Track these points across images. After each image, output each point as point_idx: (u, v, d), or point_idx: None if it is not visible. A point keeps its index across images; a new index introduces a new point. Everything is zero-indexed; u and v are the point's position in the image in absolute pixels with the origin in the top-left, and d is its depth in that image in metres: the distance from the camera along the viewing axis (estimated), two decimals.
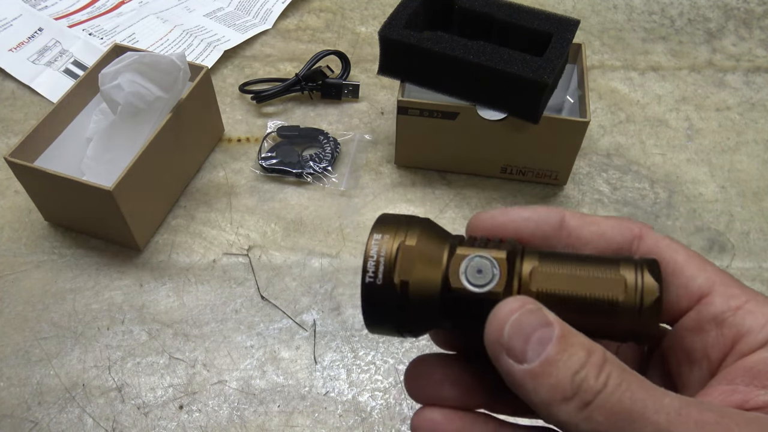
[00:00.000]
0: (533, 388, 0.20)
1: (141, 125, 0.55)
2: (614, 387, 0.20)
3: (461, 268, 0.23)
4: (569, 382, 0.20)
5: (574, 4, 0.83)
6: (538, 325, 0.21)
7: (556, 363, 0.20)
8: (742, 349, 0.21)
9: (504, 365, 0.21)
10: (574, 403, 0.20)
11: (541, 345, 0.21)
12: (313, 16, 0.81)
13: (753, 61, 0.76)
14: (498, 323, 0.21)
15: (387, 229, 0.24)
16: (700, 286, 0.23)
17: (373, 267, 0.23)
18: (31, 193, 0.57)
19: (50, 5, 0.80)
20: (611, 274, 0.22)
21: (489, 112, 0.56)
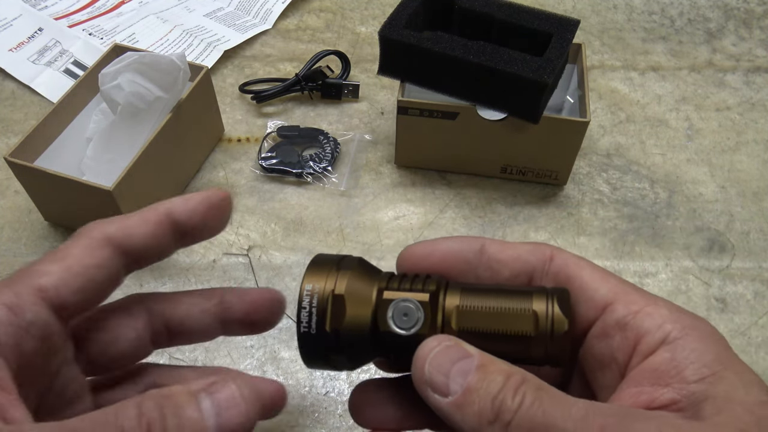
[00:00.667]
0: (461, 418, 0.22)
1: (141, 125, 0.55)
2: (529, 404, 0.21)
3: (388, 313, 0.25)
4: (490, 406, 0.21)
5: (574, 4, 0.83)
6: (457, 359, 0.23)
7: (477, 391, 0.22)
8: (643, 350, 0.23)
9: (432, 401, 0.23)
10: (497, 425, 0.21)
11: (463, 376, 0.22)
12: (313, 16, 0.81)
13: (753, 61, 0.76)
14: (420, 363, 0.23)
15: (318, 277, 0.26)
16: (604, 296, 0.24)
17: (306, 318, 0.25)
18: (31, 193, 0.57)
19: (50, 5, 0.80)
20: (525, 308, 0.24)
21: (489, 112, 0.57)
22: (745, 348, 0.52)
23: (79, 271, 0.25)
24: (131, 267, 0.27)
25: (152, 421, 0.20)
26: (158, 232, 0.27)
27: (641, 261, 0.57)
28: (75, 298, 0.25)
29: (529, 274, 0.26)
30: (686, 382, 0.22)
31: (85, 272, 0.25)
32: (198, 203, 0.28)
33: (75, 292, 0.24)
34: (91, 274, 0.25)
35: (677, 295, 0.55)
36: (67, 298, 0.24)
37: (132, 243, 0.26)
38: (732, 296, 0.55)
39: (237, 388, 0.22)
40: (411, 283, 0.26)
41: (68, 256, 0.25)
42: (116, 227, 0.26)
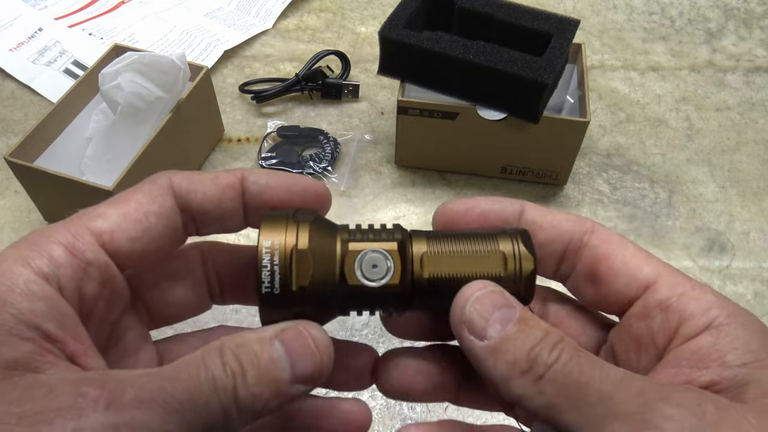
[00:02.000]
0: (493, 364, 0.22)
1: (141, 125, 0.55)
2: (565, 361, 0.21)
3: (356, 265, 0.24)
4: (525, 356, 0.21)
5: (574, 4, 0.83)
6: (499, 306, 0.22)
7: (514, 340, 0.22)
8: (685, 333, 0.22)
9: (466, 342, 0.22)
10: (529, 376, 0.21)
11: (502, 324, 0.22)
12: (313, 16, 0.81)
13: (753, 61, 0.76)
14: (461, 302, 0.23)
15: (276, 232, 0.23)
16: (647, 275, 0.24)
17: (268, 277, 0.23)
18: (31, 193, 0.57)
19: (50, 5, 0.80)
20: (492, 249, 0.24)
21: (489, 112, 0.56)
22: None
23: (137, 217, 0.23)
24: (190, 227, 0.25)
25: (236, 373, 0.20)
26: (225, 196, 0.25)
27: None
28: (130, 245, 0.23)
29: (566, 243, 0.26)
30: (728, 366, 0.21)
31: (143, 219, 0.23)
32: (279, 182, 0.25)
33: (131, 239, 0.23)
34: (149, 222, 0.23)
35: None
36: (122, 244, 0.23)
37: (196, 199, 0.24)
38: (732, 296, 0.55)
39: (309, 336, 0.22)
40: (374, 234, 0.25)
41: (129, 201, 0.24)
42: (183, 178, 0.25)
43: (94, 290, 0.22)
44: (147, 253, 0.24)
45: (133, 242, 0.23)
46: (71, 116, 0.60)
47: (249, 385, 0.20)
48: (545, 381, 0.21)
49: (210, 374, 0.20)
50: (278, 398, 0.21)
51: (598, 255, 0.25)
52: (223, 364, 0.20)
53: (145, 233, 0.23)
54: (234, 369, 0.20)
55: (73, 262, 0.21)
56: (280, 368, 0.21)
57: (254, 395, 0.20)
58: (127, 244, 0.23)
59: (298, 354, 0.22)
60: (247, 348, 0.21)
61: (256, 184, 0.25)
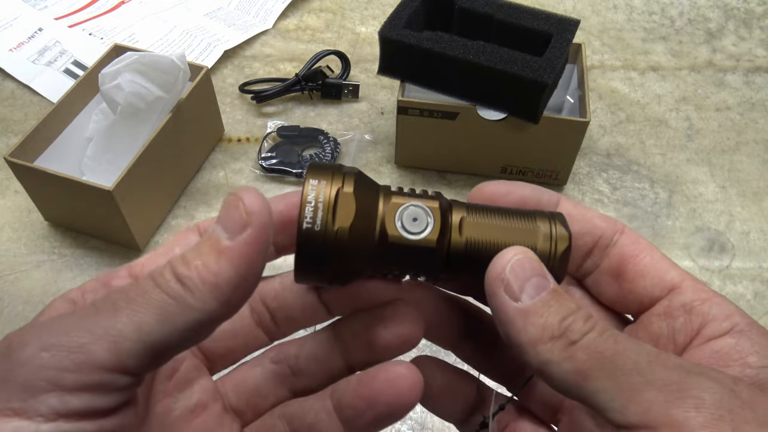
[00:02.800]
0: (522, 326, 0.22)
1: (141, 125, 0.55)
2: (600, 331, 0.21)
3: (397, 216, 0.24)
4: (557, 323, 0.21)
5: (574, 4, 0.83)
6: (536, 274, 0.23)
7: (548, 306, 0.22)
8: (707, 333, 0.23)
9: (499, 300, 0.23)
10: (561, 341, 0.21)
11: (537, 290, 0.22)
12: (313, 16, 0.81)
13: (753, 61, 0.76)
14: (501, 261, 0.23)
15: (323, 175, 0.23)
16: (673, 278, 0.25)
17: (311, 213, 0.23)
18: (31, 193, 0.56)
19: (50, 5, 0.80)
20: (529, 224, 0.25)
21: (489, 112, 0.56)
22: None
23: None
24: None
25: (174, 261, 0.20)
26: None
27: None
28: None
29: (596, 238, 0.26)
30: (749, 366, 0.22)
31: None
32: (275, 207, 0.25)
33: None
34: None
35: None
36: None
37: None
38: (732, 296, 0.55)
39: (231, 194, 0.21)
40: (416, 194, 0.25)
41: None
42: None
43: None
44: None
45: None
46: (71, 116, 0.60)
47: (189, 261, 0.20)
48: (578, 347, 0.21)
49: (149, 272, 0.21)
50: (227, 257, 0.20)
51: (626, 254, 0.26)
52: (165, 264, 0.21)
53: None
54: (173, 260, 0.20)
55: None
56: (214, 234, 0.21)
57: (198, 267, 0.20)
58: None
59: (224, 213, 0.21)
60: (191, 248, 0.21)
61: None
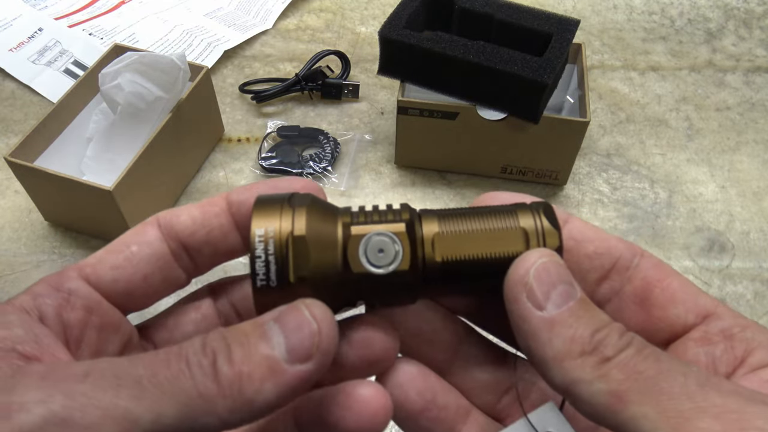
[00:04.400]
0: (548, 339, 0.19)
1: (141, 125, 0.55)
2: (639, 347, 0.19)
3: (360, 250, 0.21)
4: (589, 336, 0.19)
5: (574, 4, 0.83)
6: (562, 281, 0.20)
7: (577, 316, 0.20)
8: (753, 362, 0.21)
9: (521, 308, 0.20)
10: (593, 358, 0.19)
11: (564, 299, 0.20)
12: (313, 16, 0.81)
13: (753, 61, 0.76)
14: (525, 266, 0.21)
15: (269, 218, 0.21)
16: (706, 304, 0.23)
17: (263, 268, 0.21)
18: (31, 193, 0.56)
19: (50, 5, 0.80)
20: (512, 226, 0.22)
21: (489, 112, 0.56)
22: None
23: (118, 248, 0.23)
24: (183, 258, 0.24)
25: (217, 350, 0.18)
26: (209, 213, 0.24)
27: None
28: (113, 273, 0.23)
29: (614, 260, 0.24)
30: None
31: (123, 249, 0.23)
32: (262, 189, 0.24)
33: (113, 268, 0.23)
34: (130, 250, 0.23)
35: None
36: (104, 273, 0.23)
37: (179, 222, 0.24)
38: (732, 296, 0.55)
39: (306, 309, 0.19)
40: (379, 216, 0.22)
41: (115, 241, 0.24)
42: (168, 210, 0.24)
43: (78, 317, 0.22)
44: (134, 282, 0.23)
45: (116, 270, 0.23)
46: (71, 116, 0.60)
47: (235, 363, 0.18)
48: (613, 364, 0.18)
49: (184, 351, 0.18)
50: (275, 382, 0.18)
51: (650, 278, 0.23)
52: (203, 344, 0.19)
53: (127, 261, 0.23)
54: (216, 348, 0.18)
55: (53, 293, 0.22)
56: (273, 343, 0.19)
57: (242, 375, 0.18)
58: (109, 273, 0.23)
59: (292, 326, 0.19)
60: (238, 330, 0.19)
61: (239, 195, 0.24)
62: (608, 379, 0.18)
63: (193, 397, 0.18)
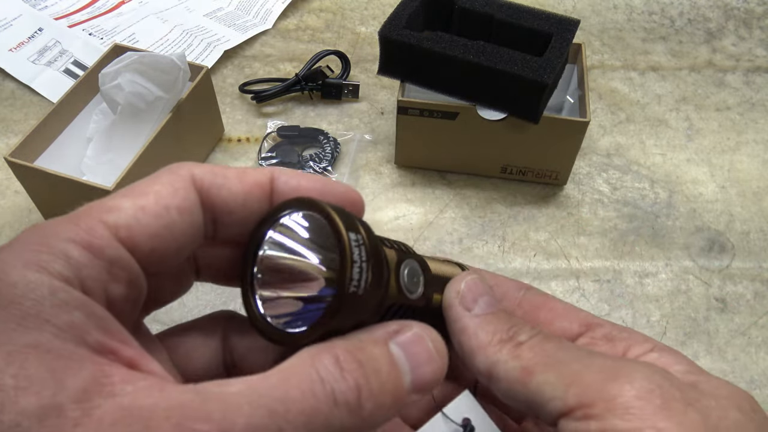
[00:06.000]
0: (474, 332, 0.24)
1: (141, 125, 0.55)
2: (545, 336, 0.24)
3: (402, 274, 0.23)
4: (507, 329, 0.24)
5: (574, 4, 0.83)
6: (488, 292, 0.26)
7: (497, 315, 0.25)
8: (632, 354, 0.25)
9: (455, 311, 0.25)
10: (509, 344, 0.23)
11: (489, 305, 0.25)
12: (313, 16, 0.81)
13: (753, 61, 0.76)
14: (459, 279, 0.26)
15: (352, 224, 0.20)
16: (587, 317, 0.27)
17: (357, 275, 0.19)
18: (31, 193, 0.56)
19: (50, 5, 0.80)
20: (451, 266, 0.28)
21: (489, 112, 0.56)
22: (745, 348, 0.52)
23: (157, 211, 0.19)
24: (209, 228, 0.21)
25: (361, 386, 0.18)
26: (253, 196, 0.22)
27: (641, 261, 0.57)
28: (152, 243, 0.19)
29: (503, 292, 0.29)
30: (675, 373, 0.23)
31: (165, 214, 0.19)
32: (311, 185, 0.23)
33: (152, 236, 0.19)
34: (171, 218, 0.19)
35: (677, 295, 0.55)
36: (142, 241, 0.19)
37: (220, 196, 0.21)
38: (732, 296, 0.55)
39: (430, 341, 0.21)
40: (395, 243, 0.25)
41: (147, 193, 0.20)
42: (207, 170, 0.21)
43: (121, 292, 0.19)
44: (169, 253, 0.20)
45: (154, 240, 0.19)
46: (71, 116, 0.60)
47: (375, 396, 0.18)
48: (525, 347, 0.23)
49: (329, 388, 0.17)
50: (396, 409, 0.19)
51: (536, 303, 0.28)
52: (342, 373, 0.18)
53: (167, 230, 0.19)
54: (358, 380, 0.18)
55: (95, 263, 0.18)
56: (402, 374, 0.20)
57: (379, 406, 0.18)
58: (148, 242, 0.19)
59: (420, 360, 0.20)
60: (366, 352, 0.19)
61: (287, 185, 0.22)
62: (520, 358, 0.23)
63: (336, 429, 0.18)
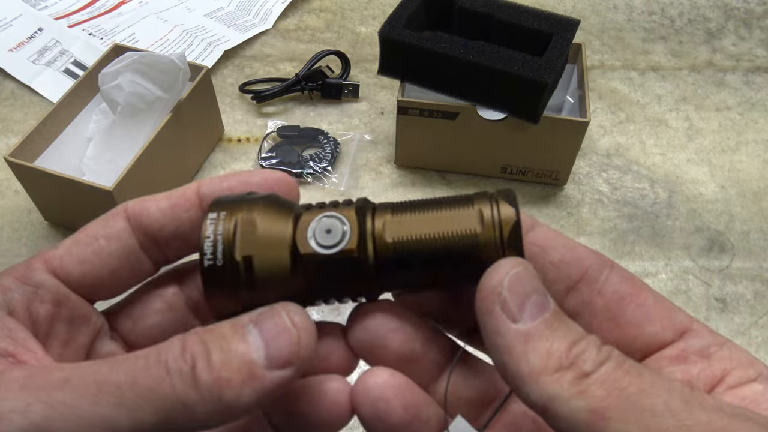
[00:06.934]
0: (523, 353, 0.18)
1: (141, 125, 0.55)
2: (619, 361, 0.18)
3: (309, 232, 0.21)
4: (566, 349, 0.18)
5: (574, 4, 0.83)
6: (537, 289, 0.20)
7: (552, 328, 0.19)
8: (731, 381, 0.21)
9: (496, 321, 0.19)
10: (571, 373, 0.18)
11: (539, 310, 0.19)
12: (313, 16, 0.81)
13: (753, 61, 0.76)
14: (498, 276, 0.20)
15: (223, 207, 0.22)
16: (682, 320, 0.22)
17: (210, 248, 0.21)
18: (31, 193, 0.56)
19: (50, 5, 0.80)
20: (466, 208, 0.21)
21: (489, 112, 0.56)
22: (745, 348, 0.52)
23: (86, 240, 0.23)
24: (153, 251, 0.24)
25: (196, 355, 0.18)
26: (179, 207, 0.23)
27: (641, 261, 0.57)
28: (81, 267, 0.23)
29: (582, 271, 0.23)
30: None
31: (91, 242, 0.23)
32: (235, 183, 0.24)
33: (81, 262, 0.23)
34: (99, 244, 0.23)
35: (677, 295, 0.55)
36: (72, 267, 0.23)
37: (148, 214, 0.23)
38: (732, 296, 0.55)
39: (286, 314, 0.20)
40: (333, 205, 0.22)
41: (83, 230, 0.24)
42: (137, 200, 0.24)
43: (47, 311, 0.22)
44: (102, 275, 0.23)
45: (84, 264, 0.23)
46: (71, 116, 0.60)
47: (214, 369, 0.18)
48: (593, 380, 0.18)
49: (163, 357, 0.18)
50: (253, 387, 0.18)
51: (623, 293, 0.22)
52: (182, 348, 0.19)
53: (95, 255, 0.23)
54: (195, 352, 0.18)
55: (21, 286, 0.22)
56: (252, 350, 0.19)
57: (222, 381, 0.18)
58: (77, 267, 0.23)
59: (273, 333, 0.19)
60: (216, 332, 0.19)
61: (210, 188, 0.24)
62: (588, 396, 0.18)
63: (173, 404, 0.18)
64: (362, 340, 0.23)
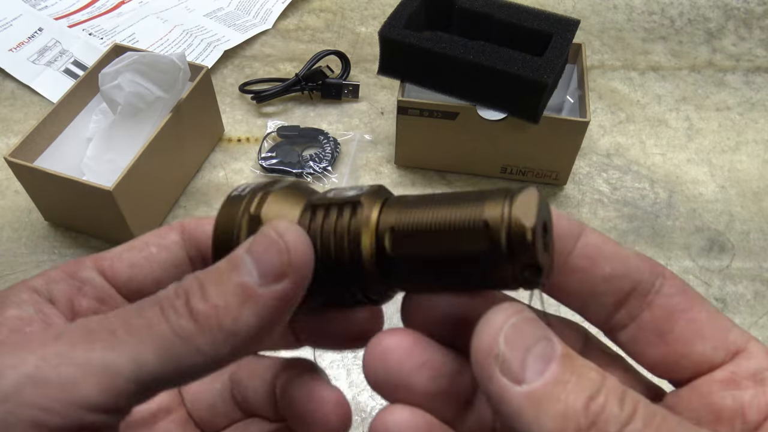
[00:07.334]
0: (535, 417, 0.16)
1: (141, 125, 0.55)
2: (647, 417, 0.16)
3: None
4: (583, 408, 0.16)
5: (574, 4, 0.83)
6: (538, 335, 0.17)
7: (563, 384, 0.16)
8: None
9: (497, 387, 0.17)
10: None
11: (544, 362, 0.17)
12: (313, 16, 0.81)
13: (753, 61, 0.76)
14: (491, 331, 0.17)
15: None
16: (736, 339, 0.20)
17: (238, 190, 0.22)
18: (31, 193, 0.56)
19: (50, 5, 0.80)
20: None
21: (489, 112, 0.56)
22: None
23: (138, 246, 0.24)
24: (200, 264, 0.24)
25: (190, 291, 0.18)
26: None
27: None
28: (129, 271, 0.23)
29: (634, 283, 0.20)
30: None
31: (143, 248, 0.24)
32: None
33: (130, 266, 0.23)
34: (149, 251, 0.24)
35: None
36: (120, 270, 0.23)
37: (204, 231, 0.24)
38: (732, 296, 0.55)
39: (272, 228, 0.19)
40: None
41: (137, 238, 0.24)
42: (194, 219, 0.25)
43: (89, 305, 0.22)
44: (147, 282, 0.24)
45: (133, 268, 0.23)
46: (71, 116, 0.60)
47: (209, 298, 0.18)
48: None
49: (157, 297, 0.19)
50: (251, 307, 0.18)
51: (674, 307, 0.20)
52: (176, 287, 0.19)
53: (145, 260, 0.23)
54: (189, 288, 0.18)
55: (67, 280, 0.22)
56: (245, 272, 0.18)
57: (218, 308, 0.18)
58: (126, 270, 0.23)
59: (260, 249, 0.18)
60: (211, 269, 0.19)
61: None
62: None
63: (172, 339, 0.17)
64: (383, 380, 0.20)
